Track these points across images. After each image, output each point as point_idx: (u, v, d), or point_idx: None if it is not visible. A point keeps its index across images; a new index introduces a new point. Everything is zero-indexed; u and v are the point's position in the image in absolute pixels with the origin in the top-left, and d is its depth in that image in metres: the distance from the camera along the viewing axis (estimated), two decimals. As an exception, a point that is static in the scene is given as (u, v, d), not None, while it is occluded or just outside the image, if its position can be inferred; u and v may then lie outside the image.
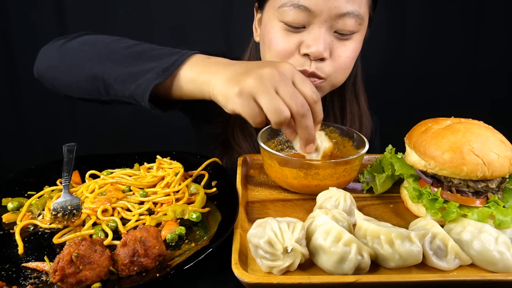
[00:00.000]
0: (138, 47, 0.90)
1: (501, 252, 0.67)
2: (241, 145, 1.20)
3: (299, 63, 1.01)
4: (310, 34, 0.98)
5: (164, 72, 0.81)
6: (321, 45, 0.97)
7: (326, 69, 1.01)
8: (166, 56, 0.84)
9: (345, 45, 1.02)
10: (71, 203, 0.81)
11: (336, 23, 0.98)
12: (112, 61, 0.89)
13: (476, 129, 0.80)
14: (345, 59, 1.03)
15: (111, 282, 0.63)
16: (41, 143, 2.12)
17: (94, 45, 0.95)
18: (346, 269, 0.65)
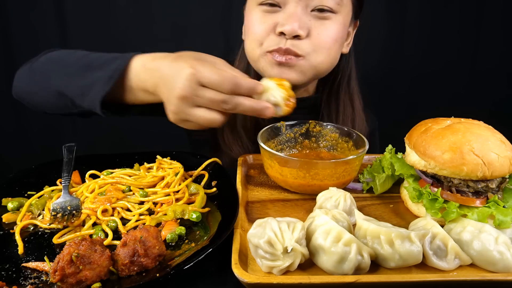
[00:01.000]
0: (88, 57, 0.93)
1: (501, 252, 0.67)
2: (231, 148, 1.19)
3: (274, 42, 1.01)
4: (285, 13, 0.99)
5: (109, 80, 0.84)
6: (295, 23, 0.97)
7: (303, 46, 1.01)
8: (110, 63, 0.86)
9: (324, 25, 1.02)
10: (71, 203, 0.80)
11: (311, 1, 0.99)
12: (68, 75, 0.92)
13: (476, 129, 0.80)
14: (325, 37, 1.02)
15: (111, 282, 0.63)
16: (41, 143, 2.12)
17: (53, 63, 0.98)
18: (346, 269, 0.65)
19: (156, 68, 0.82)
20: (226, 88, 0.76)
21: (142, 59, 0.85)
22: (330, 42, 1.03)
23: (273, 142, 1.03)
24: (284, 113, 0.85)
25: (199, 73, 0.76)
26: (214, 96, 0.76)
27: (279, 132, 1.04)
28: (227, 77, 0.76)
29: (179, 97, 0.77)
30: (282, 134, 1.05)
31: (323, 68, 1.08)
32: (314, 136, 1.07)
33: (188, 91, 0.76)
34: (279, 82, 0.85)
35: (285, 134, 1.05)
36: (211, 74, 0.76)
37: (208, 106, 0.77)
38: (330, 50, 1.05)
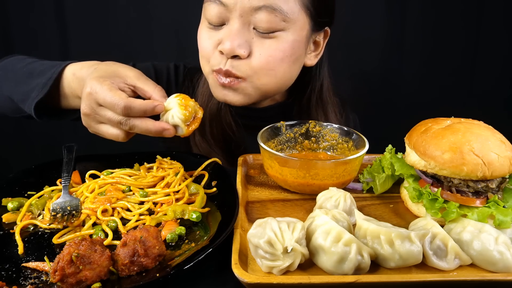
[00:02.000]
0: (32, 65, 0.98)
1: (501, 252, 0.67)
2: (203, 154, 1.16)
3: (217, 61, 0.97)
4: (226, 30, 0.95)
5: (43, 87, 0.89)
6: (235, 41, 0.93)
7: (243, 68, 0.96)
8: (48, 71, 0.92)
9: (267, 44, 0.95)
10: (71, 203, 0.80)
11: (253, 18, 0.93)
12: (13, 81, 0.98)
13: (476, 129, 0.80)
14: (267, 58, 0.95)
15: (111, 282, 0.63)
16: (41, 143, 2.12)
17: (5, 69, 1.04)
18: (346, 269, 0.65)
19: (81, 77, 0.88)
20: (119, 111, 0.78)
21: (73, 67, 0.92)
22: (274, 62, 0.97)
23: (273, 142, 1.03)
24: (185, 134, 0.84)
25: (95, 93, 0.79)
26: (111, 117, 0.79)
27: (279, 132, 1.04)
28: (119, 100, 0.77)
29: (83, 114, 0.82)
30: (282, 134, 1.05)
31: (270, 90, 1.03)
32: (314, 136, 1.07)
33: (88, 110, 0.81)
34: (182, 103, 0.83)
35: (285, 134, 1.05)
36: (105, 95, 0.78)
37: (109, 124, 0.81)
38: (274, 71, 0.98)
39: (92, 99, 0.80)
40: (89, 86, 0.80)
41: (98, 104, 0.80)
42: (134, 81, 0.84)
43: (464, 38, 2.19)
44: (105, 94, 0.78)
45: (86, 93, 0.80)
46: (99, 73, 0.83)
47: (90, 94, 0.79)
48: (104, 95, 0.78)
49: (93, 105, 0.80)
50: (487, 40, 2.19)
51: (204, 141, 1.18)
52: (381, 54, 2.19)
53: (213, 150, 1.17)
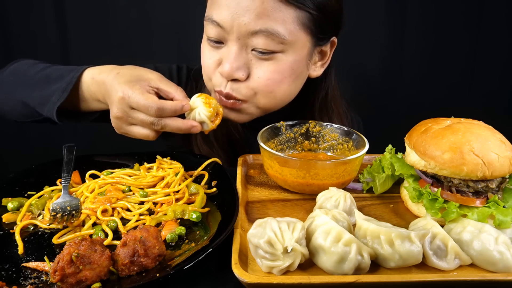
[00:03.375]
0: (47, 70, 1.00)
1: (501, 252, 0.67)
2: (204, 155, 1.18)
3: (218, 82, 0.98)
4: (225, 51, 0.96)
5: (63, 92, 0.92)
6: (233, 64, 0.93)
7: (243, 91, 0.97)
8: (66, 75, 0.95)
9: (265, 66, 0.95)
10: (71, 204, 0.80)
11: (250, 41, 0.92)
12: (29, 86, 1.00)
13: (476, 129, 0.80)
14: (266, 81, 0.95)
15: (111, 282, 0.63)
16: (41, 143, 2.12)
17: (17, 74, 1.05)
18: (346, 269, 0.65)
19: (102, 82, 0.91)
20: (152, 113, 0.84)
21: (92, 71, 0.94)
22: (273, 85, 0.97)
23: (273, 142, 1.03)
24: (210, 129, 0.92)
25: (128, 98, 0.84)
26: (144, 118, 0.85)
27: (279, 132, 1.04)
28: (152, 103, 0.84)
29: (115, 117, 0.88)
30: (282, 134, 1.05)
31: (271, 108, 1.03)
32: (314, 136, 1.07)
33: (121, 113, 0.86)
34: (206, 101, 0.91)
35: (285, 134, 1.05)
36: (139, 99, 0.84)
37: (140, 125, 0.88)
38: (273, 93, 0.98)
39: (124, 103, 0.85)
40: (120, 91, 0.85)
41: (131, 108, 0.85)
42: (157, 84, 0.89)
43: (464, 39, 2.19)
44: (138, 98, 0.84)
45: (119, 97, 0.85)
46: (125, 77, 0.87)
47: (123, 98, 0.84)
48: (137, 99, 0.84)
49: (126, 108, 0.85)
50: (487, 40, 2.19)
51: (205, 143, 1.18)
52: (381, 55, 2.20)
53: (214, 152, 1.17)
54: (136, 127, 0.88)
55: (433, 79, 2.25)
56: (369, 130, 1.29)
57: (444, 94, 2.27)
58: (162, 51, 2.03)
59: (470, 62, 2.24)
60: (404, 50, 2.19)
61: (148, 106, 0.83)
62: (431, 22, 2.15)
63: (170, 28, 2.03)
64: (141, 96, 0.84)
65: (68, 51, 2.01)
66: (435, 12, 2.13)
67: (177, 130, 0.87)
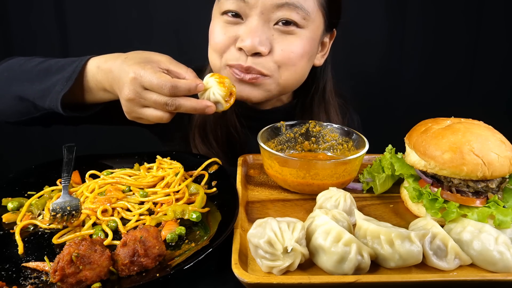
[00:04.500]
0: (46, 63, 0.97)
1: (501, 252, 0.67)
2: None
3: (234, 57, 0.98)
4: (246, 27, 0.95)
5: (67, 81, 0.90)
6: (256, 39, 0.93)
7: (266, 65, 0.97)
8: (68, 66, 0.92)
9: (288, 39, 0.96)
10: (70, 204, 0.80)
11: (274, 15, 0.93)
12: (27, 80, 0.97)
13: (476, 129, 0.80)
14: (289, 53, 0.97)
15: (111, 282, 0.63)
16: (41, 143, 2.12)
17: (11, 70, 1.02)
18: (346, 269, 0.65)
19: (108, 69, 0.88)
20: (165, 92, 0.81)
21: (97, 60, 0.91)
22: (295, 58, 0.98)
23: (273, 142, 1.03)
24: (225, 109, 0.89)
25: (140, 77, 0.82)
26: (157, 99, 0.82)
27: (279, 132, 1.04)
28: (166, 81, 0.81)
29: (127, 99, 0.84)
30: (282, 134, 1.05)
31: (289, 85, 1.05)
32: (314, 136, 1.07)
33: (133, 94, 0.83)
34: (220, 80, 0.88)
35: (285, 134, 1.05)
36: (151, 78, 0.81)
37: (153, 107, 0.84)
38: (295, 66, 1.00)
39: (137, 84, 0.82)
40: (132, 71, 0.82)
41: (143, 88, 0.83)
42: (167, 65, 0.87)
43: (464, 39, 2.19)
44: (151, 76, 0.81)
45: (130, 78, 0.82)
46: (134, 60, 0.85)
47: (135, 78, 0.82)
48: (150, 78, 0.81)
49: (138, 89, 0.83)
50: (487, 40, 2.19)
51: (204, 144, 1.18)
52: (381, 55, 2.20)
53: (213, 152, 1.17)
54: (149, 109, 0.85)
55: (433, 79, 2.25)
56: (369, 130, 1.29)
57: (444, 94, 2.27)
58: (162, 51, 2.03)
59: (470, 62, 2.24)
60: (404, 50, 2.20)
61: (162, 84, 0.80)
62: (431, 22, 2.15)
63: (170, 28, 2.03)
64: (153, 75, 0.81)
65: (68, 51, 2.01)
66: (435, 12, 2.13)
67: (191, 110, 0.85)
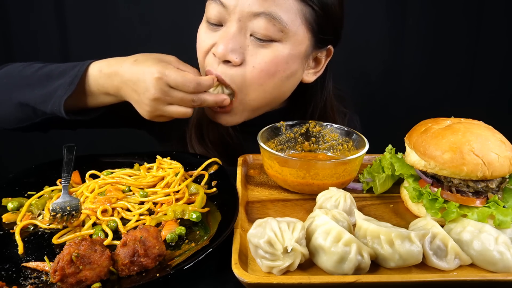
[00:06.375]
0: (46, 68, 0.99)
1: (501, 252, 0.67)
2: None
3: (210, 62, 0.97)
4: (222, 32, 0.95)
5: (70, 85, 0.92)
6: (228, 45, 0.91)
7: (236, 78, 0.95)
8: (70, 70, 0.94)
9: (261, 54, 0.93)
10: (70, 204, 0.80)
11: (251, 24, 0.92)
12: (28, 86, 0.98)
13: (476, 129, 0.80)
14: (259, 72, 0.94)
15: (111, 282, 0.63)
16: (41, 143, 2.11)
17: (10, 76, 1.03)
18: (346, 269, 0.65)
19: (114, 73, 0.90)
20: (190, 89, 0.88)
21: (98, 65, 0.93)
22: (265, 76, 0.95)
23: (273, 142, 1.03)
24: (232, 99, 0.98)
25: (166, 76, 0.86)
26: (183, 96, 0.89)
27: (279, 132, 1.04)
28: (190, 79, 0.87)
29: (153, 99, 0.88)
30: (282, 134, 1.05)
31: (259, 105, 1.01)
32: (314, 136, 1.07)
33: (160, 94, 0.87)
34: None
35: (285, 134, 1.05)
36: (176, 77, 0.86)
37: (179, 104, 0.90)
38: (263, 86, 0.96)
39: (162, 83, 0.86)
40: (156, 71, 0.86)
41: (170, 86, 0.87)
42: (177, 65, 0.92)
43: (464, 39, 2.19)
44: (176, 75, 0.86)
45: (156, 78, 0.86)
46: (150, 61, 0.89)
47: (161, 78, 0.86)
48: (175, 76, 0.86)
49: (165, 88, 0.87)
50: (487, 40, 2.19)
51: (200, 144, 1.18)
52: (381, 55, 2.20)
53: (209, 153, 1.16)
54: (174, 106, 0.90)
55: (433, 79, 2.25)
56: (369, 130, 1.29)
57: (444, 94, 2.27)
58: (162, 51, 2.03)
59: (470, 62, 2.24)
60: (404, 50, 2.20)
61: (187, 82, 0.86)
62: (431, 22, 2.15)
63: (170, 28, 2.03)
64: (177, 73, 0.86)
65: (68, 51, 2.01)
66: (435, 12, 2.13)
67: (213, 104, 0.93)
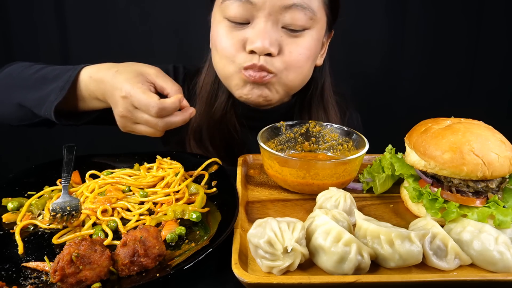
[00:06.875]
0: (43, 70, 0.99)
1: (501, 252, 0.67)
2: None
3: (247, 59, 0.97)
4: (254, 29, 0.95)
5: (61, 91, 0.92)
6: (266, 40, 0.93)
7: (276, 64, 0.98)
8: (63, 74, 0.95)
9: (296, 42, 0.98)
10: (70, 204, 0.80)
11: (282, 17, 0.94)
12: (25, 88, 0.99)
13: (476, 129, 0.80)
14: (297, 56, 0.98)
15: (111, 282, 0.63)
16: (41, 143, 2.12)
17: (11, 77, 1.04)
18: (346, 269, 0.65)
19: (100, 80, 0.90)
20: (153, 113, 0.84)
21: (89, 70, 0.94)
22: (303, 60, 1.00)
23: (273, 142, 1.03)
24: None
25: (130, 97, 0.85)
26: (148, 119, 0.86)
27: (279, 132, 1.04)
28: (153, 103, 0.83)
29: (121, 116, 0.88)
30: (282, 134, 1.05)
31: (295, 86, 1.07)
32: (314, 136, 1.07)
33: (126, 112, 0.87)
34: None
35: (285, 134, 1.05)
36: (140, 98, 0.84)
37: (145, 125, 0.88)
38: (302, 68, 1.02)
39: (128, 102, 0.86)
40: (123, 90, 0.85)
41: (134, 107, 0.86)
42: (154, 79, 0.90)
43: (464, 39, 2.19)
44: (139, 97, 0.84)
45: (121, 97, 0.86)
46: (125, 75, 0.87)
47: (125, 97, 0.85)
48: (138, 98, 0.84)
49: (130, 108, 0.86)
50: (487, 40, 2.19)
51: (199, 147, 1.18)
52: (381, 55, 2.19)
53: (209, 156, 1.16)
54: (142, 125, 0.89)
55: (433, 79, 2.25)
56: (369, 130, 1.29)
57: (444, 94, 2.27)
58: (162, 51, 2.03)
59: (470, 62, 2.24)
60: (404, 50, 2.20)
61: (149, 106, 0.83)
62: (431, 22, 2.15)
63: (170, 28, 2.03)
64: (142, 95, 0.84)
65: (68, 51, 2.01)
66: (435, 12, 2.13)
67: (182, 123, 0.89)
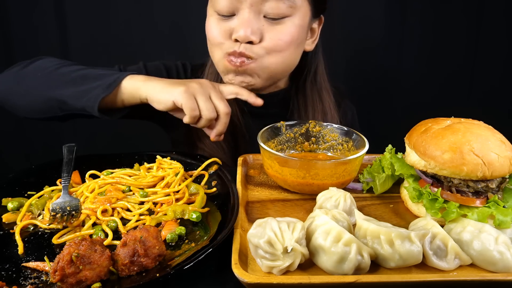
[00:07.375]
0: (83, 71, 1.06)
1: (501, 252, 0.67)
2: (205, 145, 1.22)
3: (230, 46, 1.05)
4: (238, 20, 1.03)
5: (109, 87, 0.98)
6: (248, 29, 1.01)
7: (255, 50, 1.04)
8: (109, 76, 1.02)
9: (276, 29, 1.04)
10: (70, 204, 0.80)
11: (263, 7, 1.01)
12: (63, 83, 1.04)
13: (476, 129, 0.80)
14: (277, 41, 1.04)
15: (111, 282, 0.63)
16: (41, 143, 2.12)
17: (46, 70, 1.08)
18: (346, 269, 0.65)
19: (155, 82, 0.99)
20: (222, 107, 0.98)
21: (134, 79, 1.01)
22: (282, 45, 1.06)
23: (273, 142, 1.03)
24: None
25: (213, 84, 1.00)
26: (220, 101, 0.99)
27: (279, 132, 1.04)
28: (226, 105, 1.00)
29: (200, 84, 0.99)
30: (282, 134, 1.05)
31: (277, 69, 1.10)
32: (314, 136, 1.07)
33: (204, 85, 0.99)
34: None
35: (285, 134, 1.05)
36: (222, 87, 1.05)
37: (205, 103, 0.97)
38: (283, 53, 1.07)
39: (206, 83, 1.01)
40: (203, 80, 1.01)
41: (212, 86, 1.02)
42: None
43: (465, 37, 2.19)
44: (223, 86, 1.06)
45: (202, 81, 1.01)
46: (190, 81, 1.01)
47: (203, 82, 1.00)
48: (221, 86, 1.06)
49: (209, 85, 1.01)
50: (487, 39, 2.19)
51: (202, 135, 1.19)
52: (381, 54, 2.19)
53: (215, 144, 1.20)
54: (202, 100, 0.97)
55: (433, 79, 2.25)
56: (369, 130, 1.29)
57: (444, 94, 2.27)
58: (162, 51, 2.03)
59: (470, 62, 2.24)
60: (404, 49, 2.20)
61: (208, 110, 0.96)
62: (431, 22, 2.15)
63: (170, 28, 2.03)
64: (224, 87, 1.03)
65: (68, 51, 2.01)
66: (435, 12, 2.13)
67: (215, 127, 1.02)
